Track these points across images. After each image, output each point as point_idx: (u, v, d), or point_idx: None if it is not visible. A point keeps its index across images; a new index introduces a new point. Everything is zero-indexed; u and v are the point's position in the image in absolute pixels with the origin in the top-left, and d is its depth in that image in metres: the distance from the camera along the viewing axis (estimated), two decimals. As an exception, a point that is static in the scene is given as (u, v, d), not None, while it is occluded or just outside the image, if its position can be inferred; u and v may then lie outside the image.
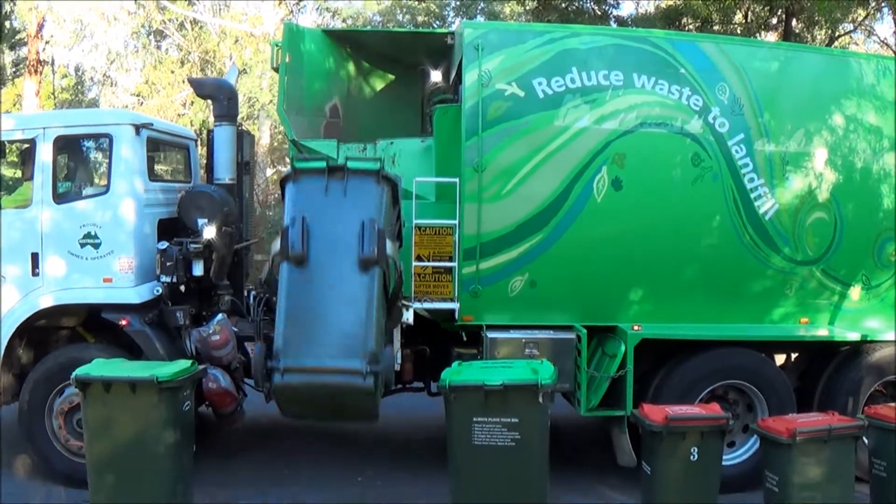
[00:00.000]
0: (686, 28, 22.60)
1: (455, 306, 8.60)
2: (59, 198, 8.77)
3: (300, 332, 7.13)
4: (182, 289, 8.84)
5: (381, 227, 7.27)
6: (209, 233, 8.75)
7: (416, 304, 8.58)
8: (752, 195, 8.67)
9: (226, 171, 9.67)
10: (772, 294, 8.91)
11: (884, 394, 9.23)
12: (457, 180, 8.51)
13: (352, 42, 10.15)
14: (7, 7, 24.93)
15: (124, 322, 8.62)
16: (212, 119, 10.35)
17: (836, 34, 24.40)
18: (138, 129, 8.76)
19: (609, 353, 8.69)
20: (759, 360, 8.82)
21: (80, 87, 32.29)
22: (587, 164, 8.50)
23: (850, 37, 26.40)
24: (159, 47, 28.25)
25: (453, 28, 8.60)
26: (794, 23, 22.57)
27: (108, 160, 8.78)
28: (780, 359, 9.52)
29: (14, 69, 29.64)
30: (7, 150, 9.28)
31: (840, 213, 8.85)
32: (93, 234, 8.61)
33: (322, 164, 7.47)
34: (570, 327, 8.73)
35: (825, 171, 8.83)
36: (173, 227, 9.13)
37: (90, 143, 9.10)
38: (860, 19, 24.40)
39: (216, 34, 26.38)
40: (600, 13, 24.27)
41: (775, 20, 23.06)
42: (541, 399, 6.57)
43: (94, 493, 6.94)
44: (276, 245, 7.41)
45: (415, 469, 9.39)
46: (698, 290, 8.84)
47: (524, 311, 8.75)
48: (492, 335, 8.62)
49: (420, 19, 28.36)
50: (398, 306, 8.27)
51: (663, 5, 25.06)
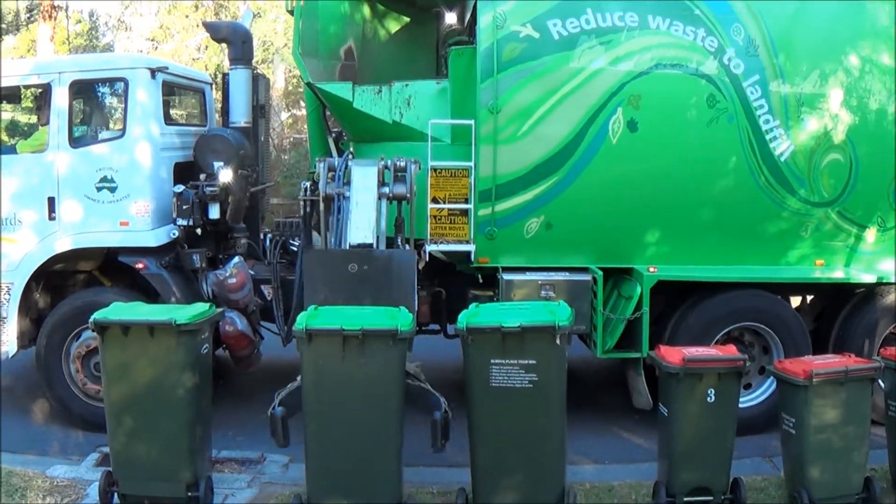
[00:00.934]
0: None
1: (471, 248, 8.60)
2: (76, 142, 8.81)
3: None
4: (198, 232, 8.88)
5: None
6: (225, 176, 8.78)
7: (432, 247, 8.59)
8: (768, 136, 8.59)
9: (241, 115, 9.68)
10: (787, 236, 8.88)
11: (899, 337, 9.28)
12: (472, 122, 8.46)
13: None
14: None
15: (141, 265, 8.70)
16: (227, 63, 10.34)
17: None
18: (154, 72, 8.78)
19: (625, 294, 8.73)
20: (774, 302, 8.85)
21: (94, 32, 32.18)
22: (602, 106, 8.44)
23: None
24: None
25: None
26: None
27: (123, 104, 8.79)
28: (795, 301, 9.49)
29: (28, 15, 29.51)
30: (22, 96, 9.30)
31: (855, 155, 8.76)
32: (109, 177, 8.66)
33: None
34: (585, 269, 8.74)
35: (840, 113, 8.71)
36: (189, 171, 9.16)
37: (106, 88, 9.11)
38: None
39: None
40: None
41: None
42: (558, 341, 6.52)
43: (112, 437, 6.90)
44: None
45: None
46: (714, 232, 8.82)
47: (540, 253, 8.78)
48: (507, 277, 8.64)
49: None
50: None
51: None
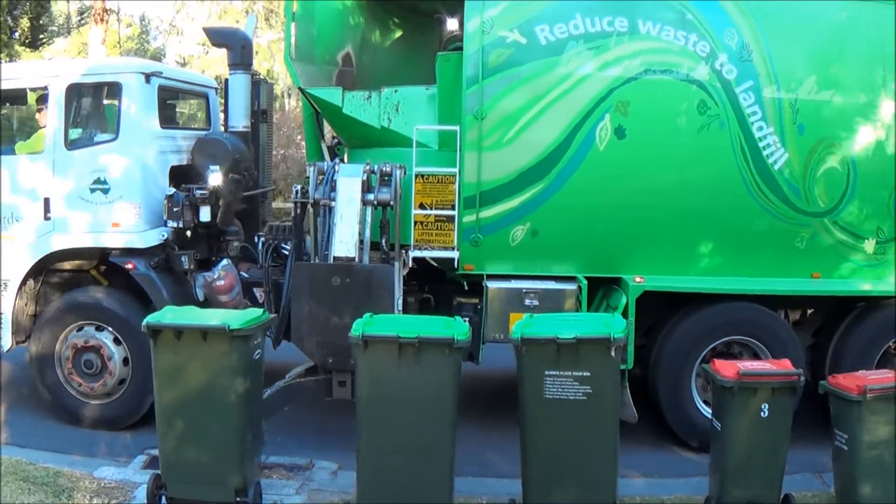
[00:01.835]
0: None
1: (455, 255, 8.56)
2: (71, 144, 8.96)
3: None
4: (189, 234, 9.01)
5: None
6: (215, 179, 8.87)
7: (416, 252, 8.58)
8: (761, 144, 8.42)
9: (240, 119, 9.73)
10: (781, 246, 8.67)
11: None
12: (457, 128, 8.44)
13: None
14: (73, -45, 25.36)
15: (130, 266, 8.82)
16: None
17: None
18: (148, 77, 8.89)
19: (613, 305, 8.61)
20: (766, 315, 8.67)
21: (144, 36, 32.81)
22: (589, 112, 8.34)
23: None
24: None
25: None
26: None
27: (117, 108, 8.92)
28: (794, 315, 9.27)
29: (79, 18, 30.16)
30: (22, 98, 9.50)
31: (853, 164, 8.55)
32: (102, 179, 8.81)
33: None
34: (573, 278, 8.65)
35: (838, 120, 8.54)
36: (188, 174, 9.27)
37: (101, 92, 9.21)
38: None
39: (281, -17, 26.48)
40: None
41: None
42: (613, 353, 6.48)
43: (161, 440, 6.93)
44: None
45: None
46: (704, 242, 8.67)
47: (526, 261, 8.70)
48: (491, 285, 8.59)
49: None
50: None
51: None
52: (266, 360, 8.93)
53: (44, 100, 9.02)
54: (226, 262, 8.96)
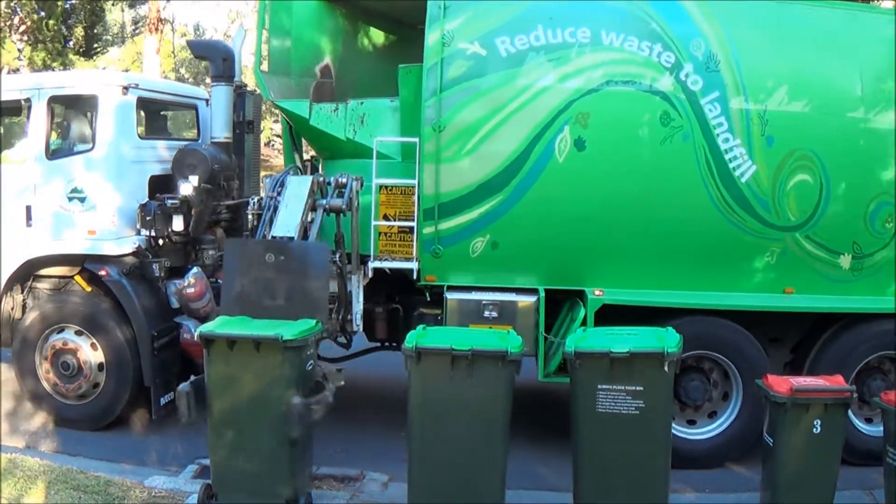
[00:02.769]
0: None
1: (413, 266, 8.58)
2: (52, 154, 9.24)
3: None
4: (161, 243, 9.20)
5: None
6: (185, 189, 9.04)
7: (376, 263, 8.63)
8: (727, 156, 8.25)
9: (221, 130, 9.87)
10: (750, 261, 8.51)
11: (880, 369, 8.81)
12: (417, 140, 8.45)
13: (347, 2, 10.04)
14: (128, -35, 25.96)
15: (103, 272, 9.03)
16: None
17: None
18: (125, 89, 9.09)
19: (575, 318, 8.50)
20: (730, 330, 8.48)
21: (199, 45, 33.35)
22: (549, 124, 8.26)
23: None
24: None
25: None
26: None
27: (94, 119, 9.16)
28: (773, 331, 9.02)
29: (134, 27, 30.81)
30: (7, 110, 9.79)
31: (826, 176, 8.34)
32: (79, 188, 9.05)
33: None
34: (534, 290, 8.58)
35: (810, 130, 8.35)
36: (170, 183, 9.45)
37: (80, 103, 9.45)
38: None
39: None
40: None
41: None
42: (666, 367, 6.50)
43: (213, 451, 6.98)
44: None
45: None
46: (668, 255, 8.52)
47: (487, 273, 8.67)
48: (451, 296, 8.58)
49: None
50: None
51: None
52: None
53: (27, 111, 9.30)
54: (196, 270, 9.08)
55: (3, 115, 9.72)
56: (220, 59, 9.84)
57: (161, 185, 9.48)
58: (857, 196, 8.45)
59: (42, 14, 26.70)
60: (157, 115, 10.58)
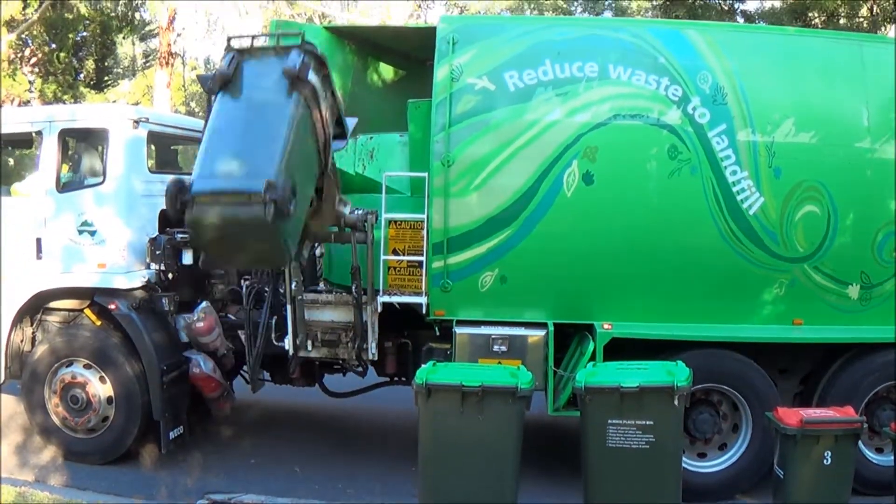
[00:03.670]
0: (812, 23, 21.78)
1: (422, 300, 8.59)
2: (63, 187, 9.27)
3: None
4: (171, 276, 9.23)
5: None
6: (194, 223, 9.06)
7: (385, 298, 8.63)
8: (735, 188, 8.29)
9: (229, 164, 9.91)
10: (759, 293, 8.50)
11: (890, 399, 8.78)
12: (426, 175, 8.48)
13: (356, 39, 10.17)
14: (138, -2, 26.21)
15: (112, 306, 9.05)
16: None
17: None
18: (136, 123, 9.15)
19: (584, 352, 8.49)
20: (738, 362, 8.47)
21: (209, 79, 33.51)
22: (557, 158, 8.30)
23: None
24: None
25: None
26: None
27: (105, 153, 9.21)
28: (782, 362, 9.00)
29: (144, 60, 30.99)
30: (19, 142, 9.88)
31: (833, 207, 8.36)
32: (89, 222, 9.09)
33: None
34: (543, 324, 8.57)
35: (817, 162, 8.38)
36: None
37: (91, 136, 9.52)
38: None
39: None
40: (727, 8, 23.78)
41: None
42: (676, 402, 6.53)
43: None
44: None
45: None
46: (677, 288, 8.50)
47: (496, 307, 8.65)
48: (460, 331, 8.55)
49: (547, 15, 28.32)
50: (331, 206, 8.13)
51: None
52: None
53: (38, 144, 9.35)
54: (205, 304, 9.14)
55: (15, 148, 9.78)
56: (227, 94, 9.90)
57: (171, 220, 9.50)
58: (865, 226, 8.46)
59: (53, 46, 26.86)
60: (167, 149, 10.65)
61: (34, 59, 27.23)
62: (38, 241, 9.21)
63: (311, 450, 9.88)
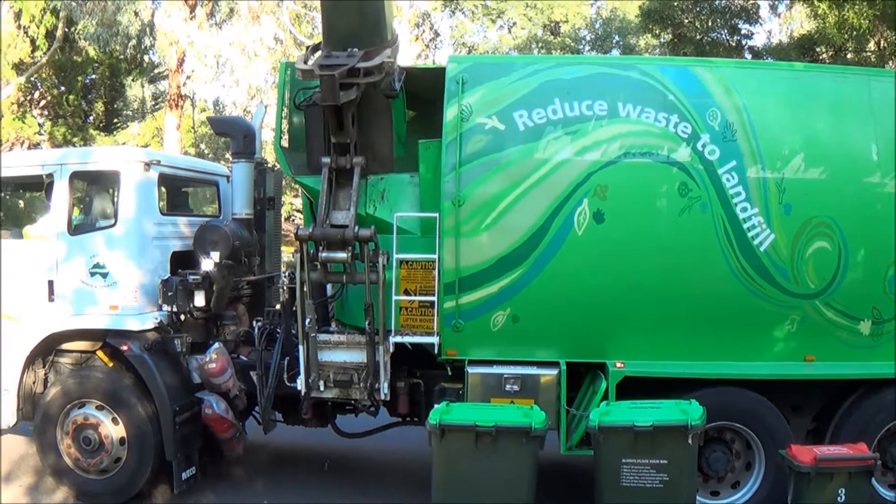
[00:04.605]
0: (820, 58, 21.92)
1: (434, 340, 8.58)
2: (74, 230, 9.33)
3: None
4: (183, 318, 9.25)
5: None
6: (207, 265, 9.12)
7: (397, 338, 8.63)
8: (745, 225, 8.30)
9: (242, 206, 10.04)
10: (770, 330, 8.48)
11: (904, 435, 8.75)
12: (436, 215, 8.51)
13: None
14: (147, 41, 26.39)
15: (125, 347, 9.07)
16: None
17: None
18: (147, 165, 9.21)
19: (596, 390, 8.48)
20: (750, 400, 8.44)
21: (219, 121, 33.76)
22: (567, 197, 8.34)
23: None
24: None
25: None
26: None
27: (116, 195, 9.27)
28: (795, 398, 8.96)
29: (153, 102, 31.15)
30: (30, 185, 9.93)
31: (844, 242, 8.37)
32: (101, 264, 9.13)
33: None
34: (556, 363, 8.56)
35: (827, 198, 8.39)
36: (192, 259, 9.53)
37: (103, 179, 9.59)
38: None
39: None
40: (734, 44, 23.96)
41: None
42: (690, 440, 6.54)
43: None
44: None
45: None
46: (688, 326, 8.49)
47: (508, 347, 8.64)
48: (472, 370, 8.57)
49: (555, 54, 28.53)
50: None
51: (797, 34, 24.44)
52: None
53: (49, 186, 9.40)
54: (217, 345, 9.15)
55: (25, 190, 9.83)
56: (240, 137, 10.01)
57: (182, 261, 9.56)
58: (876, 261, 8.46)
59: (62, 89, 27.09)
60: (178, 192, 10.70)
61: (43, 102, 27.49)
62: (50, 283, 9.24)
63: (324, 490, 9.82)
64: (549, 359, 8.61)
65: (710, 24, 24.10)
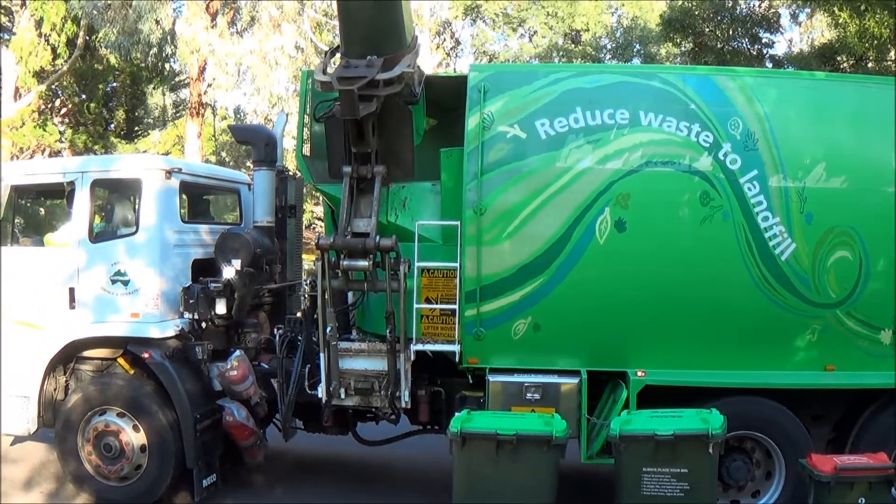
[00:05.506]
0: (841, 68, 21.87)
1: (455, 348, 8.58)
2: (96, 237, 9.38)
3: None
4: (204, 325, 9.28)
5: None
6: (228, 273, 9.16)
7: (419, 346, 8.64)
8: (767, 234, 8.29)
9: (263, 214, 10.07)
10: (791, 339, 8.46)
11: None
12: (458, 223, 8.53)
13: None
14: (168, 49, 26.53)
15: (146, 355, 9.11)
16: None
17: None
18: (169, 173, 9.25)
19: (617, 399, 8.48)
20: (771, 409, 8.42)
21: (240, 129, 33.90)
22: (589, 206, 8.34)
23: None
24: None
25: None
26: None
27: (138, 203, 9.31)
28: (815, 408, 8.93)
29: (174, 111, 31.24)
30: (52, 192, 9.99)
31: (865, 252, 8.34)
32: (122, 272, 9.16)
33: None
34: (577, 372, 8.55)
35: (849, 207, 8.37)
36: (213, 267, 9.57)
37: (124, 187, 9.63)
38: None
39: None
40: (755, 53, 23.90)
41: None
42: (710, 450, 6.54)
43: None
44: None
45: None
46: (710, 335, 8.48)
47: (529, 355, 8.64)
48: (493, 378, 8.56)
49: (576, 62, 28.51)
50: None
51: (818, 43, 24.37)
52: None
53: (70, 194, 9.45)
54: (238, 353, 9.18)
55: (46, 198, 9.89)
56: (262, 145, 10.04)
57: (204, 269, 9.59)
58: (897, 271, 8.43)
59: (83, 97, 27.20)
60: (199, 199, 10.74)
61: (64, 110, 27.62)
62: (71, 290, 9.29)
63: (344, 497, 9.84)
64: (570, 367, 8.60)
65: (730, 32, 24.10)
